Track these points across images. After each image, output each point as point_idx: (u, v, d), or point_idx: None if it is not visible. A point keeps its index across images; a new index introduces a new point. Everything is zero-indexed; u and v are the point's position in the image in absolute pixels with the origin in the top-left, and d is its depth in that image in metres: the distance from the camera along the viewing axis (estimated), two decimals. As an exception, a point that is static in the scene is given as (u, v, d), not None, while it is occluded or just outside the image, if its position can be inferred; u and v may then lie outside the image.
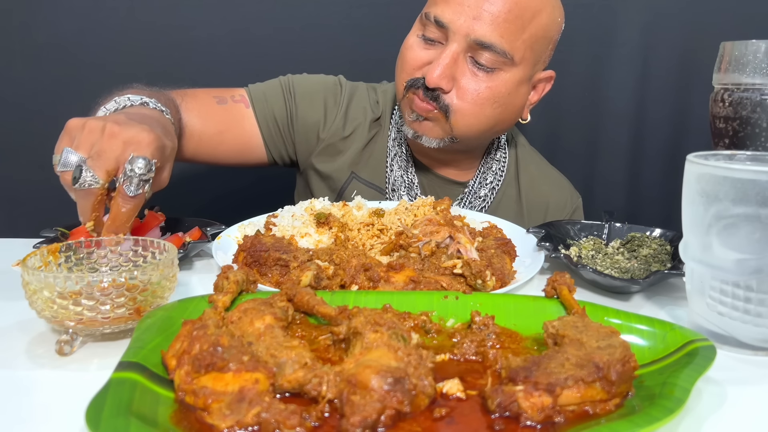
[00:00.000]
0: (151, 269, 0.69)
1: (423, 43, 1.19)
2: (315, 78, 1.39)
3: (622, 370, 0.54)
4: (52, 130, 1.72)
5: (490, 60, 1.14)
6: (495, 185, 1.37)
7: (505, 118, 1.25)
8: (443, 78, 1.14)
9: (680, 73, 1.80)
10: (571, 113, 1.88)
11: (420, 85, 1.18)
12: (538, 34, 1.18)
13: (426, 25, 1.18)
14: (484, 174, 1.37)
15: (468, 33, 1.12)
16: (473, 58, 1.15)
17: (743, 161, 0.75)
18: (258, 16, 1.74)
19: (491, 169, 1.38)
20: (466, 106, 1.17)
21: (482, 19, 1.12)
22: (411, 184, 1.34)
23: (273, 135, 1.34)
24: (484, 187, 1.36)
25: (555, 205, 1.41)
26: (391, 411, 0.51)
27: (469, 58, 1.16)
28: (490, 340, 0.66)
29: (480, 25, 1.12)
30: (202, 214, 1.18)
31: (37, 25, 1.69)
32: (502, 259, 0.89)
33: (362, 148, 1.36)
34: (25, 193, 1.77)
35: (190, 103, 1.24)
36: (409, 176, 1.34)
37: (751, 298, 0.69)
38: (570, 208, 1.43)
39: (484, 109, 1.19)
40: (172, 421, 0.51)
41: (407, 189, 1.33)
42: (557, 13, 1.22)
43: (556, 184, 1.45)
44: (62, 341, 0.67)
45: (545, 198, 1.41)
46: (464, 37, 1.13)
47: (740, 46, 0.88)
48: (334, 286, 0.81)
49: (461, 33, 1.13)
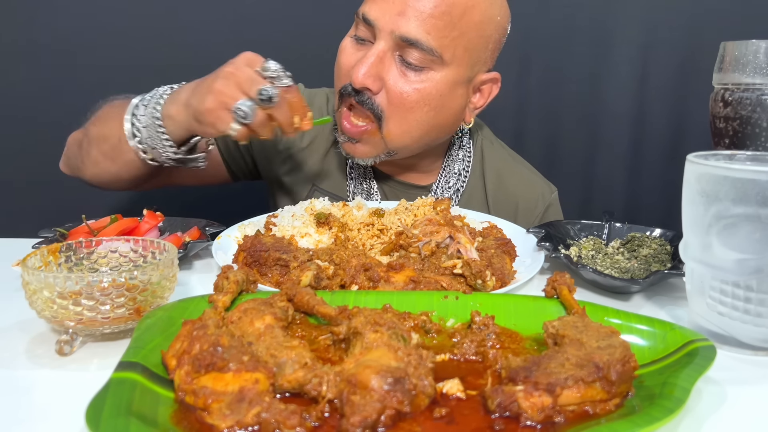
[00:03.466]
0: (151, 269, 0.69)
1: (355, 44, 1.15)
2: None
3: (622, 370, 0.54)
4: (52, 130, 1.73)
5: (418, 58, 1.09)
6: (459, 187, 1.32)
7: (441, 123, 1.18)
8: (368, 77, 1.09)
9: (680, 73, 1.80)
10: (570, 113, 1.88)
11: (349, 92, 1.12)
12: (470, 32, 1.11)
13: (358, 24, 1.14)
14: (446, 177, 1.32)
15: (393, 29, 1.08)
16: (402, 56, 1.10)
17: (743, 161, 0.75)
18: (258, 16, 1.74)
19: (453, 171, 1.32)
20: (396, 110, 1.12)
21: (407, 15, 1.07)
22: (370, 192, 1.29)
23: (232, 152, 1.33)
24: (447, 190, 1.31)
25: (524, 204, 1.35)
26: (391, 411, 0.51)
27: (397, 56, 1.11)
28: (490, 340, 0.66)
29: (405, 21, 1.07)
30: (202, 214, 1.18)
31: (37, 25, 1.69)
32: (502, 259, 0.89)
33: (322, 158, 1.32)
34: (25, 193, 1.77)
35: None
36: (367, 184, 1.29)
37: (751, 298, 0.69)
38: (542, 206, 1.36)
39: (415, 113, 1.13)
40: (172, 421, 0.51)
41: (367, 197, 1.28)
42: (495, 10, 1.15)
43: (524, 182, 1.37)
44: (62, 341, 0.67)
45: (514, 198, 1.35)
46: (390, 34, 1.08)
47: (740, 46, 0.88)
48: (334, 286, 0.81)
49: (387, 30, 1.08)
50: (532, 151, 1.88)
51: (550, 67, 1.85)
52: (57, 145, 1.29)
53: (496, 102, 1.99)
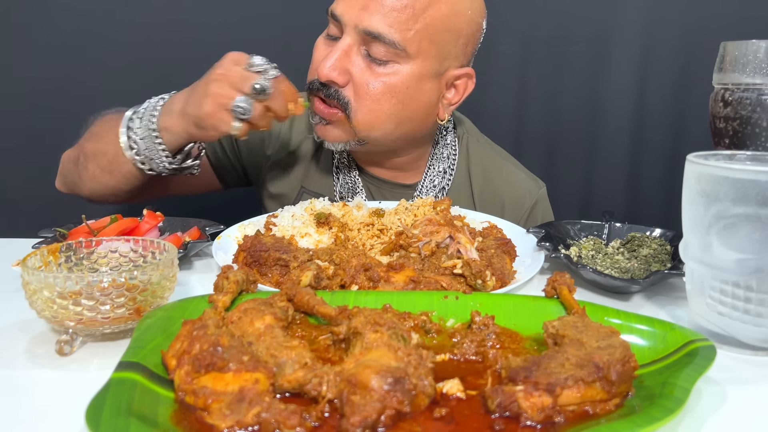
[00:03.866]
0: (151, 269, 0.69)
1: (326, 41, 1.18)
2: None
3: (622, 370, 0.54)
4: (52, 131, 1.73)
5: (382, 52, 1.11)
6: (444, 186, 1.32)
7: (410, 116, 1.18)
8: (334, 70, 1.11)
9: (680, 73, 1.80)
10: (571, 113, 1.88)
11: (317, 86, 1.14)
12: (436, 25, 1.12)
13: (330, 22, 1.16)
14: (431, 176, 1.32)
15: (357, 23, 1.10)
16: (367, 50, 1.12)
17: (743, 161, 0.75)
18: (259, 16, 1.74)
19: (438, 170, 1.32)
20: (363, 102, 1.13)
21: (370, 10, 1.09)
22: (355, 189, 1.29)
23: (221, 160, 1.33)
24: (432, 189, 1.31)
25: (511, 201, 1.34)
26: (391, 411, 0.51)
27: (363, 50, 1.12)
28: (490, 340, 0.66)
29: (368, 15, 1.09)
30: (202, 214, 1.18)
31: (37, 25, 1.69)
32: (502, 259, 0.89)
33: (309, 159, 1.33)
34: (25, 193, 1.77)
35: None
36: (352, 181, 1.30)
37: (751, 298, 0.69)
38: (530, 202, 1.35)
39: (382, 105, 1.14)
40: (172, 421, 0.51)
41: (353, 196, 1.29)
42: (465, 4, 1.15)
43: (510, 179, 1.36)
44: (62, 341, 0.67)
45: (500, 195, 1.34)
46: (354, 29, 1.10)
47: (740, 46, 0.88)
48: (334, 286, 0.81)
49: (351, 24, 1.11)
50: (532, 151, 1.88)
51: (551, 67, 1.85)
52: (57, 145, 1.29)
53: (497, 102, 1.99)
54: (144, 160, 1.09)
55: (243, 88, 1.00)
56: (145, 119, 1.07)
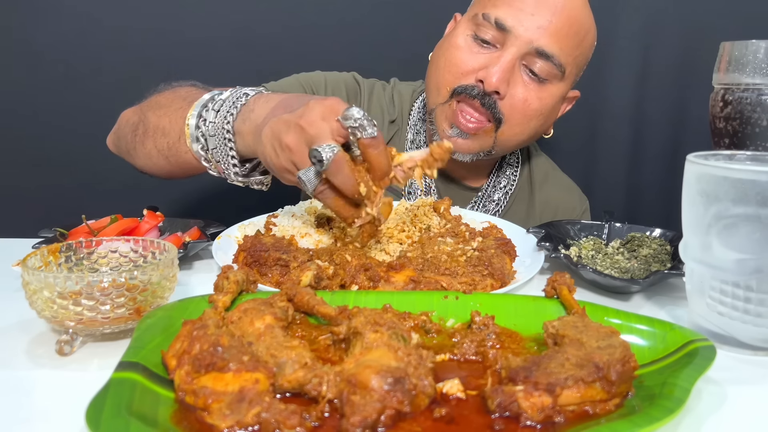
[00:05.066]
0: (151, 269, 0.69)
1: (475, 45, 1.16)
2: (333, 75, 1.35)
3: (622, 370, 0.54)
4: (52, 131, 1.73)
5: (544, 70, 1.14)
6: (509, 189, 1.36)
7: (542, 131, 1.26)
8: (503, 82, 1.12)
9: (680, 73, 1.80)
10: (570, 113, 1.87)
11: (475, 94, 1.14)
12: (585, 53, 1.20)
13: (481, 25, 1.15)
14: (498, 178, 1.36)
15: (531, 40, 1.12)
16: (527, 66, 1.14)
17: (743, 161, 0.75)
18: (259, 16, 1.74)
19: (505, 173, 1.37)
20: (516, 116, 1.16)
21: (546, 29, 1.12)
22: (428, 188, 1.31)
23: None
24: (498, 191, 1.35)
25: (564, 209, 1.41)
26: (391, 411, 0.51)
27: (522, 65, 1.14)
28: (490, 340, 0.66)
29: (544, 34, 1.12)
30: (202, 214, 1.18)
31: (37, 27, 1.69)
32: (502, 259, 0.89)
33: None
34: (25, 193, 1.77)
35: None
36: (426, 180, 1.31)
37: (751, 298, 0.69)
38: (579, 212, 1.43)
39: (531, 121, 1.19)
40: (172, 421, 0.51)
41: (425, 193, 1.31)
42: (596, 34, 1.24)
43: (565, 188, 1.45)
44: (62, 341, 0.67)
45: (555, 201, 1.40)
46: (526, 44, 1.12)
47: (740, 46, 0.88)
48: (334, 286, 0.81)
49: (524, 39, 1.12)
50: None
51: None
52: (57, 145, 1.29)
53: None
54: (210, 158, 0.98)
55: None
56: (221, 115, 0.94)
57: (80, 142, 1.69)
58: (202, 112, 0.97)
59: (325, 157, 0.77)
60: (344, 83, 1.34)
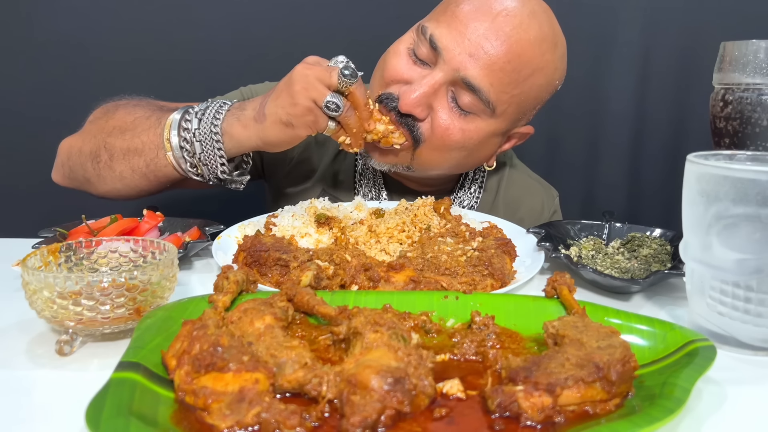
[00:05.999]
0: (151, 269, 0.69)
1: (409, 58, 1.10)
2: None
3: (622, 370, 0.54)
4: (52, 130, 1.72)
5: (469, 104, 1.06)
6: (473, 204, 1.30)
7: (467, 164, 1.19)
8: (419, 105, 1.05)
9: (680, 73, 1.80)
10: (570, 113, 1.88)
11: (393, 107, 1.07)
12: (529, 94, 1.10)
13: (419, 40, 1.08)
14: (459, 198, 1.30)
15: (458, 68, 1.03)
16: (454, 94, 1.07)
17: (743, 161, 0.75)
18: (257, 15, 1.74)
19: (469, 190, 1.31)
20: (435, 141, 1.09)
21: (479, 59, 1.03)
22: (379, 198, 1.27)
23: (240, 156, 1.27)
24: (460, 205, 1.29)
25: (529, 211, 1.35)
26: (391, 411, 0.51)
27: (450, 92, 1.07)
28: (490, 340, 0.66)
29: (474, 64, 1.03)
30: (202, 214, 1.18)
31: (37, 25, 1.69)
32: (502, 259, 0.89)
33: (330, 162, 1.30)
34: (25, 193, 1.77)
35: None
36: (376, 192, 1.28)
37: (751, 298, 0.69)
38: (548, 212, 1.37)
39: (452, 152, 1.12)
40: (172, 421, 0.51)
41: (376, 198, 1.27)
42: (557, 75, 1.14)
43: (527, 190, 1.37)
44: (62, 341, 0.67)
45: (519, 208, 1.34)
46: (453, 71, 1.04)
47: (740, 46, 0.88)
48: (334, 286, 0.81)
49: (452, 65, 1.04)
50: (533, 152, 1.87)
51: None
52: (57, 145, 1.29)
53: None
54: (196, 163, 1.05)
55: (331, 81, 0.97)
56: (206, 121, 1.03)
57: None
58: (181, 123, 1.04)
59: (340, 103, 0.98)
60: None
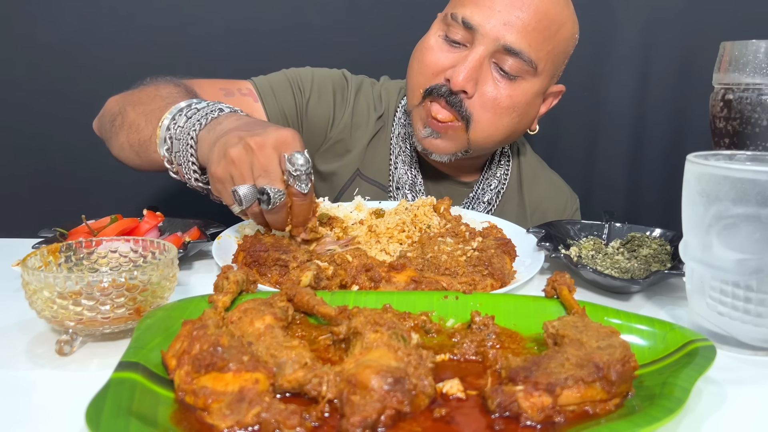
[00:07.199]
0: (151, 269, 0.69)
1: (445, 45, 1.17)
2: (322, 72, 1.36)
3: (622, 370, 0.54)
4: (52, 130, 1.73)
5: (514, 67, 1.14)
6: (500, 189, 1.37)
7: (519, 129, 1.24)
8: (469, 81, 1.13)
9: (680, 73, 1.80)
10: (570, 113, 1.88)
11: (443, 93, 1.15)
12: (559, 47, 1.18)
13: (450, 25, 1.16)
14: (488, 179, 1.37)
15: (498, 38, 1.11)
16: (497, 64, 1.14)
17: (743, 161, 0.75)
18: (256, 14, 1.74)
19: (495, 174, 1.37)
20: (486, 115, 1.16)
21: (513, 25, 1.11)
22: (414, 182, 1.32)
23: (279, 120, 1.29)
24: (489, 192, 1.36)
25: (554, 208, 1.41)
26: (391, 411, 0.51)
27: (493, 63, 1.15)
28: (490, 340, 0.66)
29: (510, 30, 1.11)
30: (202, 214, 1.18)
31: (37, 25, 1.69)
32: (502, 259, 0.89)
33: (366, 144, 1.34)
34: (25, 193, 1.77)
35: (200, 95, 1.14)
36: (412, 174, 1.32)
37: (751, 298, 0.69)
38: (570, 211, 1.43)
39: (503, 118, 1.18)
40: (172, 421, 0.51)
41: (411, 187, 1.31)
42: (576, 28, 1.22)
43: (554, 187, 1.45)
44: (62, 341, 0.67)
45: (545, 201, 1.40)
46: (493, 42, 1.12)
47: (740, 46, 0.88)
48: (334, 286, 0.81)
49: (490, 37, 1.12)
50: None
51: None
52: (57, 145, 1.29)
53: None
54: (173, 160, 1.00)
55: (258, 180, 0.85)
56: (191, 122, 0.96)
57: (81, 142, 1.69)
58: (176, 116, 0.99)
59: (273, 198, 0.84)
60: (331, 79, 1.34)
